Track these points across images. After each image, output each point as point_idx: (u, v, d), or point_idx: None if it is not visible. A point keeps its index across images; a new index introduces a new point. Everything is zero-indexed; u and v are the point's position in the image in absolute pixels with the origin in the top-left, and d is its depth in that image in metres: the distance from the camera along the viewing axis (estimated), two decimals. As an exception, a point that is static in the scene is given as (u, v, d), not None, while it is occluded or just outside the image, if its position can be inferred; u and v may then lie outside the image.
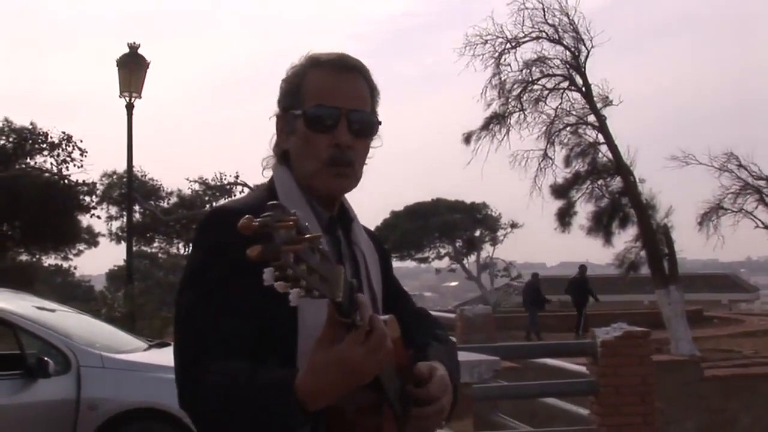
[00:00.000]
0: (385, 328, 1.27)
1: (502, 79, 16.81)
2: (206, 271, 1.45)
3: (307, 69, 1.58)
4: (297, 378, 1.26)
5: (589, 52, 16.41)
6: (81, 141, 23.05)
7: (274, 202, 1.10)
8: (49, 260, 29.61)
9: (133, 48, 15.02)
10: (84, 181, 23.69)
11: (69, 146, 22.86)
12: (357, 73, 1.58)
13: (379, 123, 1.60)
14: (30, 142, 23.05)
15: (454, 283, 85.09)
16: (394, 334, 1.39)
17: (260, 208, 1.16)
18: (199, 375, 1.36)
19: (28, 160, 23.41)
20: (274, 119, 1.62)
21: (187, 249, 29.77)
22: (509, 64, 16.75)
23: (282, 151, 1.61)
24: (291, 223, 1.06)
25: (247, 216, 1.06)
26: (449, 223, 38.88)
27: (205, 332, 1.40)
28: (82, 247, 28.50)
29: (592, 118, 16.74)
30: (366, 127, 1.57)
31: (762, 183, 18.53)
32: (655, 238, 16.32)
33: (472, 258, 40.02)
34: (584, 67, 16.48)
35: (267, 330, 1.41)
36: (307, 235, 1.08)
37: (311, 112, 1.53)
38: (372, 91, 1.60)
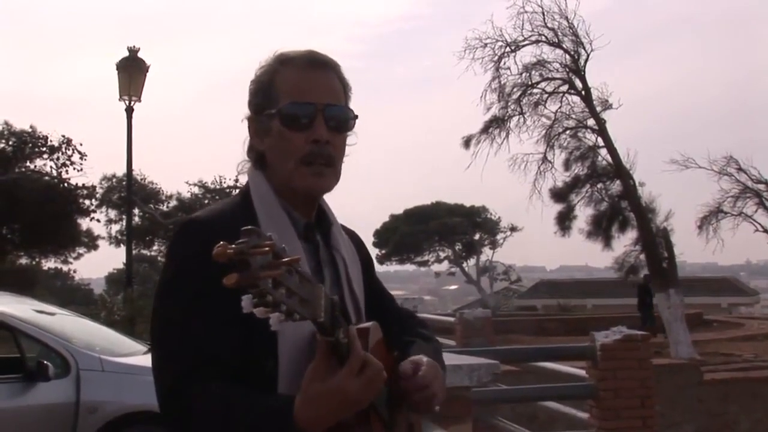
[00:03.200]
0: (380, 364, 1.27)
1: (502, 82, 16.82)
2: (182, 284, 1.42)
3: (277, 67, 1.55)
4: (295, 407, 1.26)
5: (588, 56, 16.43)
6: (81, 144, 23.11)
7: (249, 227, 1.07)
8: (49, 264, 29.69)
9: (133, 51, 15.07)
10: (84, 184, 23.74)
11: (69, 149, 22.88)
12: (328, 68, 1.56)
13: (355, 117, 1.58)
14: (30, 145, 23.05)
15: (453, 287, 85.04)
16: (376, 338, 1.40)
17: (234, 217, 1.14)
18: (188, 396, 1.34)
19: (28, 164, 23.41)
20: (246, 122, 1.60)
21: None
22: (509, 68, 16.77)
23: (257, 155, 1.58)
24: (267, 248, 1.04)
25: (221, 243, 1.05)
26: (449, 227, 38.87)
27: (187, 348, 1.37)
28: (81, 250, 28.48)
29: (591, 122, 16.74)
30: (342, 121, 1.55)
31: (761, 186, 18.52)
32: (655, 242, 16.31)
33: (472, 261, 40.05)
34: (584, 71, 16.49)
35: (247, 342, 1.39)
36: (284, 259, 1.06)
37: (286, 110, 1.51)
38: (344, 87, 1.58)
